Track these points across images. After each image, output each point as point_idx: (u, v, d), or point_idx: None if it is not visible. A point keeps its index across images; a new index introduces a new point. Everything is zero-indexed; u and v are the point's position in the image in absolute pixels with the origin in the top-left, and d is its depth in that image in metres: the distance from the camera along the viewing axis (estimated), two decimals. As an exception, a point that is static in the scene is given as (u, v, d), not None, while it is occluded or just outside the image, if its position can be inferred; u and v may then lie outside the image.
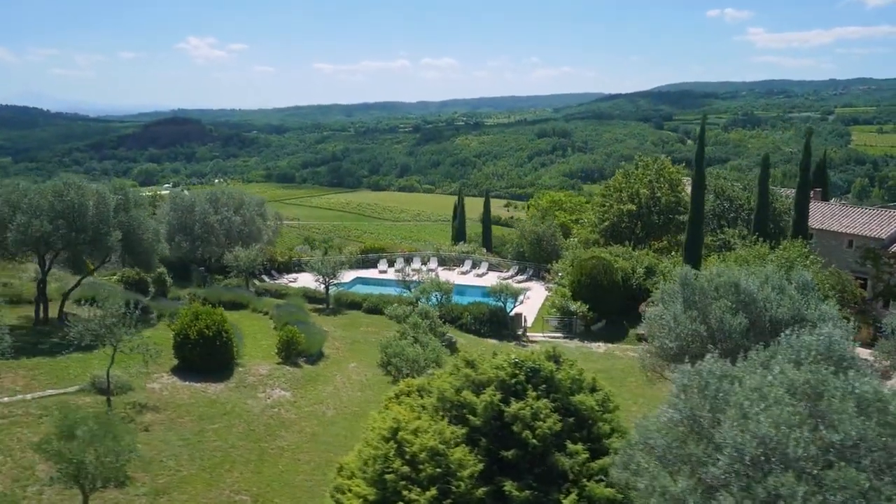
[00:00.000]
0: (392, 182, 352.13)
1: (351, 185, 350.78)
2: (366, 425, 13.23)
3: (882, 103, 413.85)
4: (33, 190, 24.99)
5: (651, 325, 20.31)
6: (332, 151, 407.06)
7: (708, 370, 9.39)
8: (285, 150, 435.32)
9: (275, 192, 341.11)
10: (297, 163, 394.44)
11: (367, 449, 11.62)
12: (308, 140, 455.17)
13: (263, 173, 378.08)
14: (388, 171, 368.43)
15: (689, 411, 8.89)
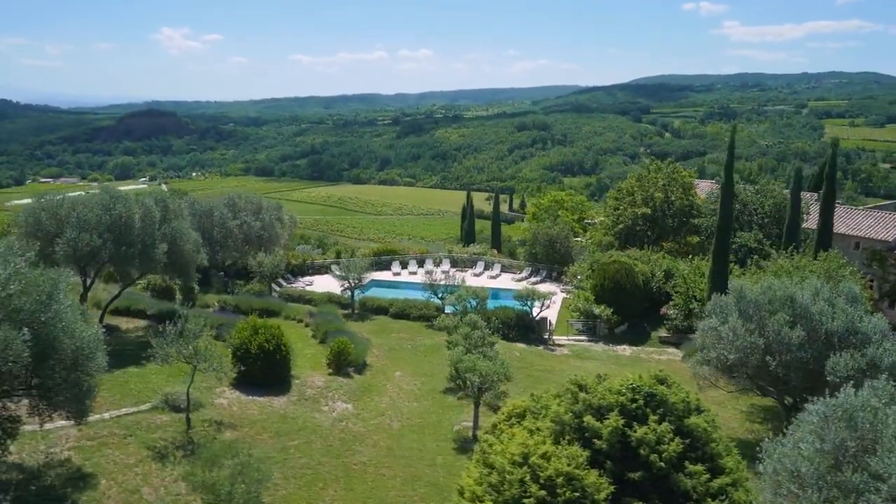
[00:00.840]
0: (372, 175, 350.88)
1: (331, 179, 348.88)
2: (477, 447, 13.70)
3: (853, 97, 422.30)
4: (81, 203, 24.91)
5: (705, 336, 21.03)
6: (310, 144, 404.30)
7: (853, 403, 9.92)
8: (263, 142, 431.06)
9: (254, 186, 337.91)
10: (275, 156, 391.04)
11: (494, 474, 12.09)
12: (286, 133, 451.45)
13: (242, 166, 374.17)
14: (368, 165, 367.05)
15: (840, 441, 9.50)
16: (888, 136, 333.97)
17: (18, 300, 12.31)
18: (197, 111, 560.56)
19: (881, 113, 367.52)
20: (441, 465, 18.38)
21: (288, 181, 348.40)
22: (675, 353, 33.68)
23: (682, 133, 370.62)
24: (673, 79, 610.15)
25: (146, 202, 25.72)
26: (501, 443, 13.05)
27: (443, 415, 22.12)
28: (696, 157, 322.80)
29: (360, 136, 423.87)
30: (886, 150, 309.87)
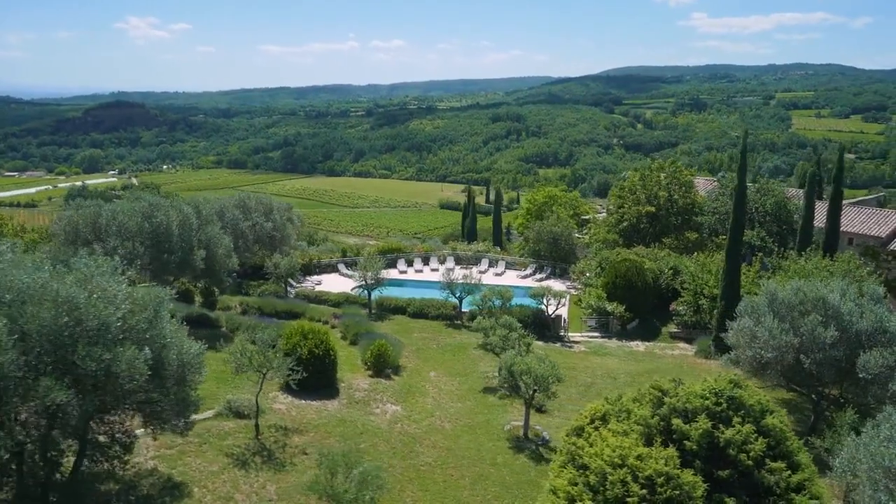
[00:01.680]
0: (347, 167, 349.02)
1: (305, 171, 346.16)
2: (563, 449, 14.48)
3: (819, 88, 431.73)
4: (120, 212, 25.04)
5: (738, 336, 22.13)
6: (283, 136, 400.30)
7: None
8: (235, 134, 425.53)
9: (227, 179, 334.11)
10: (248, 148, 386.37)
11: (591, 476, 12.93)
12: (258, 124, 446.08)
13: (214, 159, 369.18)
14: (342, 157, 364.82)
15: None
16: (853, 127, 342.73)
17: (132, 318, 12.77)
18: (165, 102, 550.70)
19: (846, 104, 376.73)
20: (502, 464, 19.19)
21: (261, 174, 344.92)
22: (685, 347, 34.96)
23: (654, 124, 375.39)
24: (643, 70, 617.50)
25: (184, 209, 25.97)
26: (591, 445, 13.90)
27: (488, 415, 22.91)
28: (669, 149, 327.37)
29: (334, 127, 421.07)
30: (851, 140, 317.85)
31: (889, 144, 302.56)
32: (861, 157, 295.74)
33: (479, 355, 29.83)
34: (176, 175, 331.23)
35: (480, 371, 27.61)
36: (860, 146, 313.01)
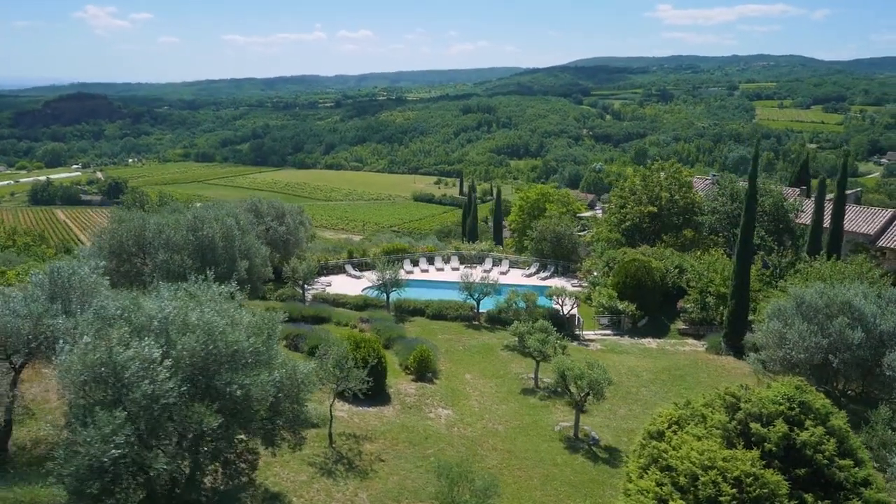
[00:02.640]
0: (318, 160, 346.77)
1: (275, 164, 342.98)
2: (639, 451, 15.65)
3: (781, 79, 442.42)
4: (166, 225, 25.43)
5: (768, 337, 23.64)
6: (252, 128, 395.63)
7: None
8: (202, 126, 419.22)
9: (195, 172, 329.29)
10: (215, 140, 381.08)
11: (681, 477, 14.15)
12: (225, 116, 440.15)
13: (181, 152, 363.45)
14: (313, 149, 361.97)
15: None
16: (814, 118, 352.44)
17: (255, 342, 13.54)
18: (127, 94, 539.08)
19: (807, 95, 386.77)
20: (563, 464, 20.32)
21: (231, 166, 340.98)
22: (695, 343, 36.53)
23: (623, 115, 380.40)
24: (611, 61, 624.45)
25: (227, 222, 26.46)
26: (675, 449, 15.13)
27: (534, 416, 24.00)
28: (637, 139, 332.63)
29: (303, 119, 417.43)
30: (813, 130, 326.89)
31: (849, 134, 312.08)
32: (822, 147, 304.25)
33: (507, 357, 30.90)
34: (143, 169, 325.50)
35: (514, 373, 28.68)
36: (821, 136, 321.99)
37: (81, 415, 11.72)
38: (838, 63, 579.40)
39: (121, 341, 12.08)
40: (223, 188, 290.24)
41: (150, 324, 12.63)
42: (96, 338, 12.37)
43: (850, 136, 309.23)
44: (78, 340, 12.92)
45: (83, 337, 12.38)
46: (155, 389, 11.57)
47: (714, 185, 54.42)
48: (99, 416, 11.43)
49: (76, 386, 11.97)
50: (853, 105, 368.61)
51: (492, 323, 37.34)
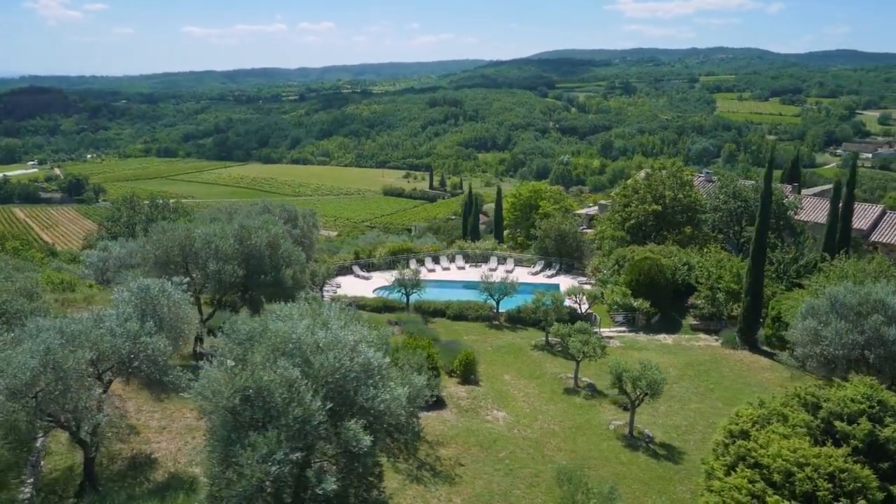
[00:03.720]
0: (284, 154, 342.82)
1: (240, 158, 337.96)
2: (722, 451, 16.53)
3: (739, 72, 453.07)
4: (214, 235, 25.30)
5: (805, 335, 24.81)
6: (214, 122, 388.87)
7: None
8: (162, 121, 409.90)
9: (158, 168, 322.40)
10: (177, 135, 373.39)
11: (775, 474, 15.06)
12: (186, 110, 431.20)
13: (142, 147, 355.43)
14: (278, 143, 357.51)
15: None
16: (772, 110, 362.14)
17: (380, 356, 13.97)
18: (82, 87, 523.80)
19: (765, 87, 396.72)
20: (628, 462, 21.07)
21: (194, 161, 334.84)
22: (707, 338, 37.78)
23: (588, 108, 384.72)
24: (573, 53, 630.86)
25: (273, 230, 26.51)
26: (763, 447, 16.03)
27: (585, 416, 24.73)
28: (603, 132, 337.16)
29: (267, 112, 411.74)
30: (771, 122, 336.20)
31: (806, 126, 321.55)
32: (781, 139, 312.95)
33: (539, 356, 31.66)
34: (103, 164, 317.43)
35: (550, 373, 29.39)
36: (780, 128, 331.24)
37: (236, 438, 12.00)
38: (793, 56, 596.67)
39: (264, 364, 12.38)
40: (188, 184, 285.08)
41: (286, 345, 12.92)
42: (238, 360, 12.65)
43: (807, 127, 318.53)
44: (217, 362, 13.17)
45: (225, 360, 12.63)
46: (305, 411, 11.91)
47: (708, 182, 56.11)
48: (253, 438, 11.73)
49: (225, 409, 12.22)
50: (809, 97, 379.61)
51: (512, 322, 38.04)
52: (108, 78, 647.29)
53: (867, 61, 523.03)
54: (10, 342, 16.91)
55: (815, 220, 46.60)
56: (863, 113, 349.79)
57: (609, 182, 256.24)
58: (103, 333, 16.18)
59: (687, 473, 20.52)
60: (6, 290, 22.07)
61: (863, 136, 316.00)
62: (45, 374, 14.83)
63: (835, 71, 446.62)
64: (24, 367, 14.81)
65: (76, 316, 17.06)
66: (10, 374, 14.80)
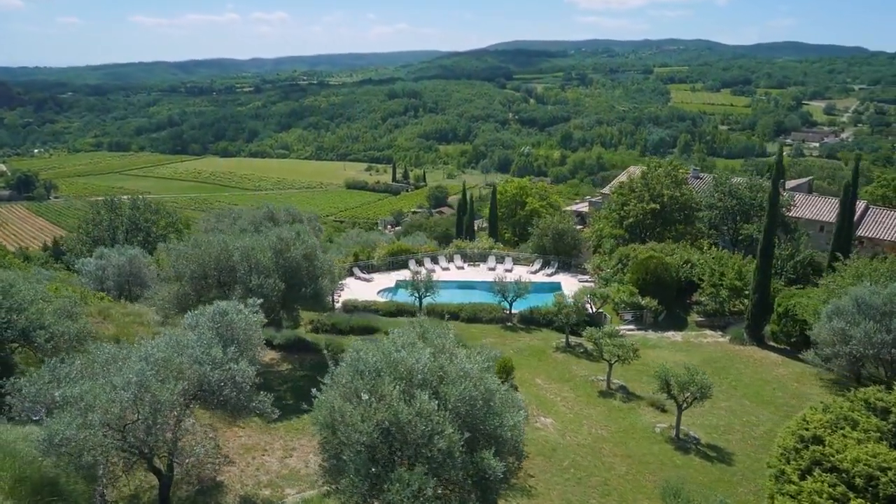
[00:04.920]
0: (242, 148, 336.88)
1: (196, 152, 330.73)
2: (803, 455, 17.16)
3: (692, 63, 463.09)
4: (251, 248, 24.82)
5: (833, 335, 25.82)
6: (168, 115, 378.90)
7: None
8: (112, 114, 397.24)
9: (111, 163, 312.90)
10: (129, 128, 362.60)
11: (857, 479, 15.76)
12: (137, 102, 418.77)
13: (93, 141, 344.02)
14: (235, 136, 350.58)
15: None
16: (724, 101, 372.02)
17: (497, 380, 14.09)
18: (26, 78, 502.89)
19: (716, 78, 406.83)
20: (683, 465, 21.59)
21: (148, 155, 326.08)
22: (714, 334, 38.77)
23: (546, 99, 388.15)
24: (530, 44, 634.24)
25: (309, 242, 26.18)
26: (839, 452, 16.72)
27: (628, 419, 25.18)
28: (562, 123, 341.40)
29: (223, 104, 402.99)
30: (723, 113, 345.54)
31: (756, 116, 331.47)
32: (733, 129, 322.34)
33: (564, 359, 32.07)
34: (52, 160, 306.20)
35: (580, 375, 29.82)
36: (731, 118, 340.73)
37: (380, 473, 11.99)
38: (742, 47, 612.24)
39: (401, 397, 12.37)
40: (144, 179, 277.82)
41: (413, 376, 12.92)
42: (372, 393, 12.59)
43: (757, 117, 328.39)
44: (340, 394, 13.07)
45: (361, 394, 12.56)
46: (449, 444, 11.97)
47: (695, 178, 57.47)
48: (399, 474, 11.73)
49: (362, 444, 12.17)
50: (758, 88, 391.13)
51: (525, 324, 38.37)
52: (53, 69, 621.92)
53: (811, 53, 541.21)
54: (83, 373, 16.42)
55: (806, 216, 48.23)
56: (809, 103, 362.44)
57: (570, 173, 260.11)
58: (185, 360, 15.85)
59: (742, 475, 21.18)
60: (46, 312, 21.28)
61: (810, 126, 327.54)
62: (141, 406, 14.46)
63: (781, 63, 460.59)
64: (116, 401, 14.44)
65: (153, 342, 16.60)
66: (101, 407, 14.42)
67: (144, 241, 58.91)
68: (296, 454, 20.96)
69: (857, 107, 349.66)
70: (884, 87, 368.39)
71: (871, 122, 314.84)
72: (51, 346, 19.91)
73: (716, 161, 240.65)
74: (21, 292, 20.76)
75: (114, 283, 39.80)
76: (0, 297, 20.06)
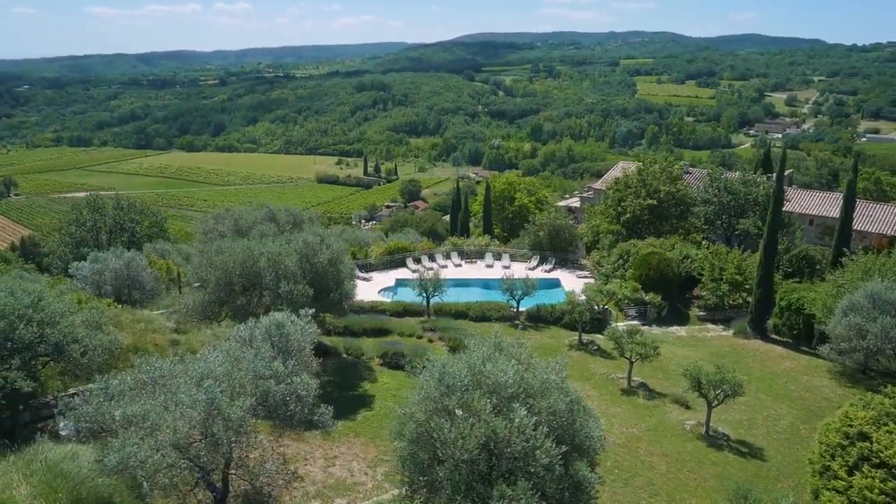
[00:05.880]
0: (208, 142, 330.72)
1: (161, 147, 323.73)
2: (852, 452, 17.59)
3: (657, 55, 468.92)
4: (279, 254, 24.39)
5: (849, 330, 26.53)
6: (130, 108, 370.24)
7: None
8: (72, 108, 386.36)
9: (72, 158, 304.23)
10: (90, 123, 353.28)
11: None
12: (98, 96, 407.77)
13: (52, 136, 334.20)
14: (201, 130, 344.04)
15: None
16: (689, 92, 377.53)
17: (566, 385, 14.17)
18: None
19: (681, 71, 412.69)
20: (719, 462, 21.93)
21: (111, 150, 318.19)
22: (716, 328, 39.43)
23: (515, 91, 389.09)
24: (497, 37, 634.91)
25: (334, 247, 25.86)
26: (887, 448, 17.21)
27: (655, 416, 25.47)
28: (531, 115, 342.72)
29: (186, 98, 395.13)
30: (689, 104, 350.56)
31: (721, 108, 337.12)
32: (699, 121, 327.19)
33: (580, 357, 32.30)
34: (10, 155, 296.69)
35: (599, 373, 30.10)
36: (697, 110, 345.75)
37: (482, 490, 11.98)
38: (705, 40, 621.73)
39: (498, 412, 12.36)
40: (108, 175, 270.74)
41: (503, 390, 12.90)
42: (465, 409, 12.55)
43: (722, 109, 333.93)
44: (425, 408, 13.00)
45: (456, 410, 12.50)
46: (550, 458, 12.01)
47: (685, 174, 58.28)
48: (502, 490, 11.73)
49: (461, 462, 12.13)
50: (722, 80, 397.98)
51: (533, 322, 38.54)
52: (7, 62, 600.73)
53: (772, 45, 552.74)
54: (137, 390, 16.01)
55: (797, 210, 49.34)
56: (771, 95, 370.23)
57: (541, 165, 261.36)
58: (245, 375, 15.58)
59: (778, 471, 21.65)
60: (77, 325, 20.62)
61: (773, 117, 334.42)
62: (214, 425, 14.17)
63: (744, 55, 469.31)
64: (186, 420, 14.15)
65: (210, 356, 16.25)
66: (170, 427, 14.11)
67: (129, 241, 57.59)
68: (338, 462, 20.79)
69: (816, 98, 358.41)
70: (842, 78, 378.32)
71: (831, 113, 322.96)
72: (86, 361, 19.36)
73: (683, 152, 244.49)
74: (51, 304, 20.08)
75: (112, 287, 38.77)
76: (30, 310, 19.30)
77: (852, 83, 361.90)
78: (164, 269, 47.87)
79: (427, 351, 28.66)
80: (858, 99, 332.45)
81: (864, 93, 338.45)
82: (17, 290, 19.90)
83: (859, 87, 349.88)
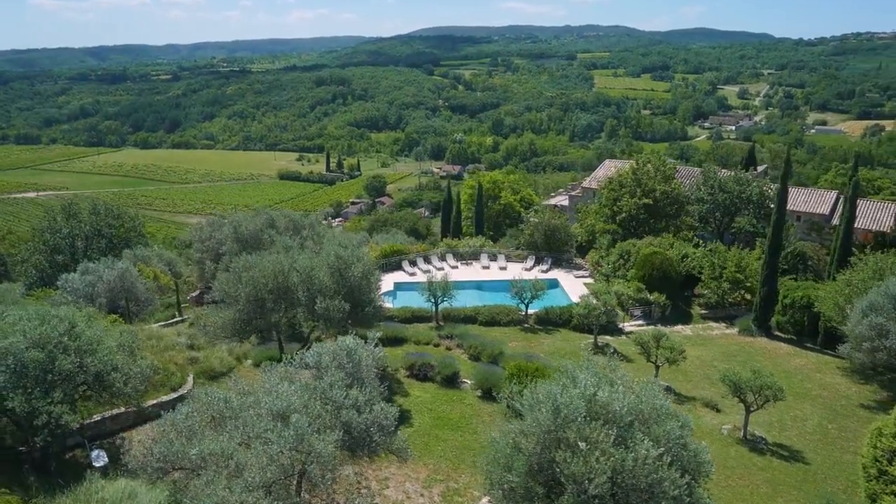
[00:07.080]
0: (164, 139, 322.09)
1: (114, 144, 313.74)
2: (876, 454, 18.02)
3: (612, 49, 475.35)
4: (315, 268, 23.59)
5: (871, 330, 27.10)
6: (79, 104, 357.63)
7: None
8: (17, 104, 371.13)
9: (20, 157, 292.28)
10: (37, 119, 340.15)
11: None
12: (45, 91, 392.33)
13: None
14: (155, 127, 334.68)
15: None
16: (645, 86, 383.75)
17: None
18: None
19: (637, 64, 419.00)
20: (764, 467, 22.03)
21: (61, 148, 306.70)
22: (719, 326, 39.93)
23: (475, 85, 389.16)
24: (454, 30, 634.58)
25: (366, 259, 25.20)
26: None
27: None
28: (492, 110, 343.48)
29: (138, 93, 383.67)
30: (645, 98, 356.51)
31: (676, 101, 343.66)
32: (655, 113, 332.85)
33: (601, 360, 32.44)
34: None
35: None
36: (653, 103, 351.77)
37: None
38: (658, 34, 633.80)
39: (621, 442, 12.14)
40: (59, 174, 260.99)
41: (621, 419, 12.67)
42: (586, 441, 12.27)
43: (677, 102, 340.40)
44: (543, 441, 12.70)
45: (578, 442, 12.21)
46: (679, 489, 11.85)
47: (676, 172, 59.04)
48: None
49: (589, 495, 11.87)
50: (676, 73, 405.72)
51: (542, 325, 38.36)
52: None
53: (722, 39, 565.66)
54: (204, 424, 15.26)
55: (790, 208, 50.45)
56: (723, 88, 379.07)
57: (504, 160, 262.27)
58: (324, 406, 14.96)
59: (824, 474, 21.93)
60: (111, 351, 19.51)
61: (726, 110, 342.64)
62: (308, 463, 13.55)
63: (696, 49, 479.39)
64: (274, 458, 13.50)
65: (281, 387, 15.52)
66: (260, 467, 13.44)
67: (107, 247, 55.53)
68: (391, 485, 20.30)
69: (767, 91, 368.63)
70: (790, 71, 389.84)
71: (781, 105, 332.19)
72: (130, 390, 18.40)
73: (642, 145, 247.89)
74: (86, 331, 19.02)
75: (106, 300, 37.18)
76: (66, 338, 18.22)
77: (800, 76, 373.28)
78: (152, 277, 46.29)
79: (454, 362, 28.26)
80: (806, 92, 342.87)
81: (811, 86, 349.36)
82: (49, 317, 18.79)
83: (806, 80, 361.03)
